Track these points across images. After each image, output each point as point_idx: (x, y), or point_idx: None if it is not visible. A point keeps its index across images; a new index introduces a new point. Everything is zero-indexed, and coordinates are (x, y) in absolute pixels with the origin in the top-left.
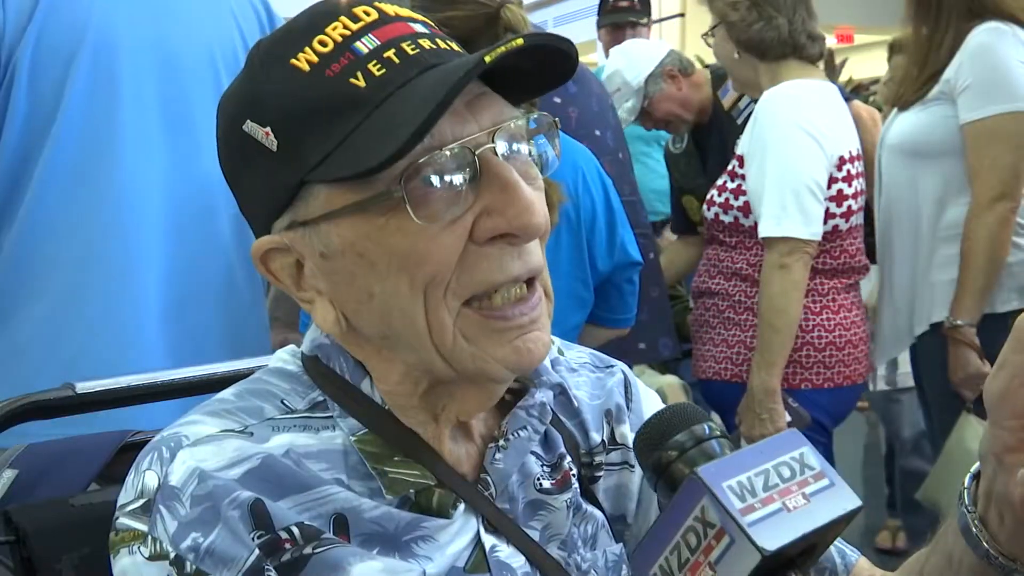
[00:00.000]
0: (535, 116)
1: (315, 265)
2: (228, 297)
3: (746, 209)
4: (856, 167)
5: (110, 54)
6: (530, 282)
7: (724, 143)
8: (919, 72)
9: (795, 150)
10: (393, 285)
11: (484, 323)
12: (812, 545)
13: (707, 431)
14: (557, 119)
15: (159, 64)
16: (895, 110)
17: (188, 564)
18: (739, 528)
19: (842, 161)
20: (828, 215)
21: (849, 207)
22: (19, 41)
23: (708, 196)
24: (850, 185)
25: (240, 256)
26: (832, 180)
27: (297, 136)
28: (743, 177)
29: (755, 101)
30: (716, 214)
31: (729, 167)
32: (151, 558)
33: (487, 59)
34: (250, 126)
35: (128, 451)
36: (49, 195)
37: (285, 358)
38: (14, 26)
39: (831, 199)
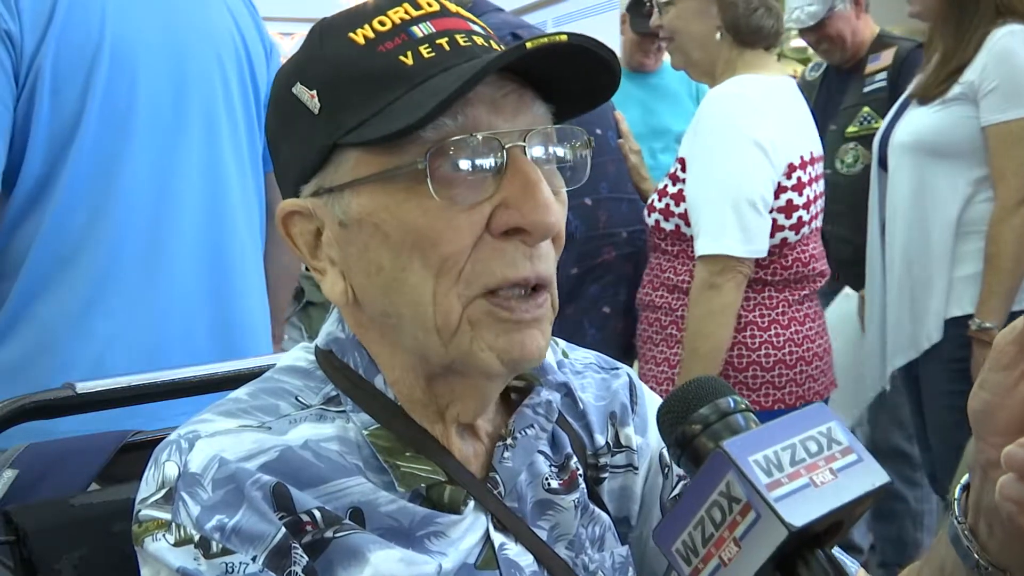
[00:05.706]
0: (571, 130)
1: (332, 234)
2: (240, 295)
3: (687, 216)
4: (812, 171)
5: (128, 57)
6: (538, 288)
7: (832, 100)
8: (942, 68)
9: (738, 162)
10: (405, 261)
11: (490, 311)
12: (838, 522)
13: (732, 404)
14: (591, 138)
15: (171, 64)
16: (910, 104)
17: (214, 544)
18: (766, 503)
19: (792, 168)
20: (776, 227)
21: (800, 218)
22: (38, 50)
23: (649, 200)
24: (801, 194)
25: (255, 257)
26: (781, 190)
27: (340, 101)
28: (684, 182)
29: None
30: (657, 220)
31: (671, 170)
32: (176, 544)
33: (528, 45)
34: (299, 88)
35: (128, 451)
36: (74, 199)
37: (298, 355)
38: (32, 34)
39: (780, 210)
